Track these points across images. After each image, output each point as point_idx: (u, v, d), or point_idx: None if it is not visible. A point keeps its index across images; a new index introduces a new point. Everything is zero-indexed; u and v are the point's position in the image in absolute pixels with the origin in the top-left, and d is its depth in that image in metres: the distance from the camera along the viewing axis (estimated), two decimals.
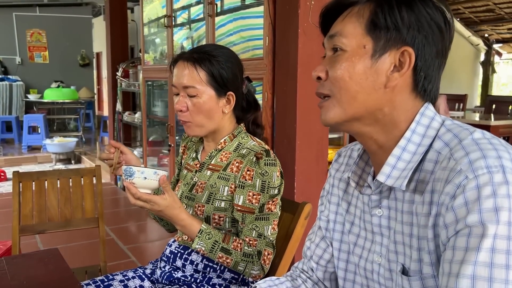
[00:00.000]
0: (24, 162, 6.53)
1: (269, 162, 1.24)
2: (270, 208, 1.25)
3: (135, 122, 4.54)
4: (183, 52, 1.32)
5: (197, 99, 1.27)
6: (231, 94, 1.31)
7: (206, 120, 1.29)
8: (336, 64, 0.75)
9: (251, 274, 1.27)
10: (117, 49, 4.85)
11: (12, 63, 9.48)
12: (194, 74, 1.25)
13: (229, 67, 1.29)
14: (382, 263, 0.80)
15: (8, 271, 1.22)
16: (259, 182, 1.23)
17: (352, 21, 0.74)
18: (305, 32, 2.02)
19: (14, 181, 1.87)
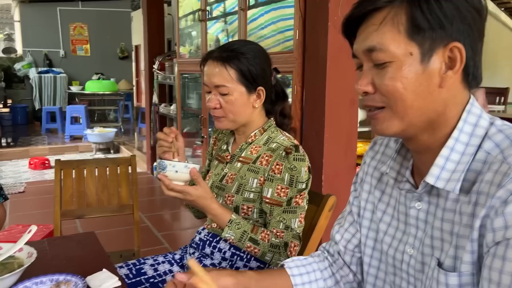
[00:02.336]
0: (67, 151, 6.84)
1: (298, 157, 1.27)
2: (297, 201, 1.29)
3: (171, 113, 4.66)
4: (212, 51, 1.36)
5: (228, 96, 1.31)
6: (261, 89, 1.34)
7: (238, 115, 1.33)
8: (385, 77, 0.71)
9: (278, 264, 1.31)
10: (154, 43, 4.97)
11: (56, 56, 9.88)
12: (224, 73, 1.29)
13: (258, 62, 1.32)
14: (414, 254, 0.80)
15: (49, 251, 1.32)
16: (287, 176, 1.27)
17: (389, 30, 0.70)
18: (335, 25, 2.03)
19: (56, 169, 1.99)
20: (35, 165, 5.69)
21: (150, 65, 4.95)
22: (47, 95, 9.09)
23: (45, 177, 5.33)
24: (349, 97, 2.12)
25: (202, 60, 1.38)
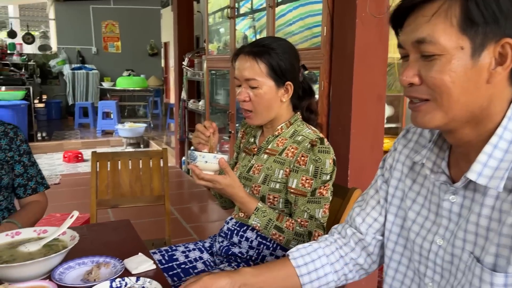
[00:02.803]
0: (98, 145, 7.06)
1: (323, 149, 1.32)
2: (321, 192, 1.33)
3: (199, 109, 4.75)
4: (244, 46, 1.42)
5: (258, 90, 1.36)
6: (289, 83, 1.39)
7: (266, 109, 1.39)
8: (433, 69, 0.71)
9: None
10: (184, 40, 5.08)
11: (89, 53, 10.17)
12: (255, 67, 1.35)
13: (287, 58, 1.37)
14: (443, 245, 0.81)
15: (88, 236, 1.41)
16: (312, 167, 1.32)
17: (441, 22, 0.69)
18: (363, 22, 2.05)
19: (93, 161, 2.09)
20: (69, 158, 5.90)
21: (180, 61, 5.05)
22: (79, 91, 9.38)
23: (78, 170, 5.53)
24: (376, 93, 2.14)
25: (234, 55, 1.44)
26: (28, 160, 1.69)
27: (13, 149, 1.65)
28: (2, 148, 1.62)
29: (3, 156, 1.61)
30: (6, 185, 1.61)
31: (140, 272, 1.15)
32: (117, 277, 1.07)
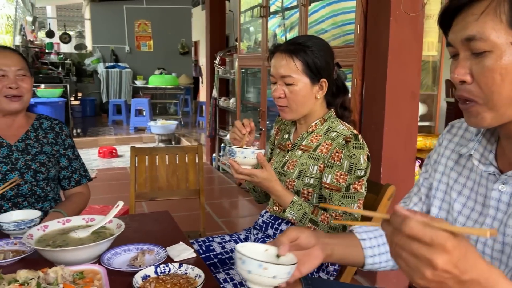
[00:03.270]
0: (132, 141, 7.24)
1: (357, 145, 1.34)
2: (356, 188, 1.36)
3: (230, 107, 4.82)
4: (280, 44, 1.46)
5: (293, 87, 1.40)
6: (324, 81, 1.42)
7: (301, 105, 1.42)
8: (484, 67, 0.72)
9: None
10: (215, 38, 5.16)
11: (122, 51, 10.43)
12: (291, 64, 1.39)
13: (322, 55, 1.40)
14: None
15: (131, 225, 1.48)
16: (346, 163, 1.34)
17: (490, 19, 0.70)
18: (397, 20, 2.05)
19: (132, 155, 2.18)
20: (104, 154, 6.10)
21: (212, 60, 5.14)
22: (113, 89, 9.64)
23: (113, 165, 5.70)
24: (410, 91, 2.14)
25: (270, 53, 1.48)
26: (72, 154, 1.79)
27: (59, 143, 1.75)
28: (49, 142, 1.73)
29: (50, 149, 1.72)
30: (53, 177, 1.71)
31: (181, 259, 1.21)
32: (161, 263, 1.13)
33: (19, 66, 1.62)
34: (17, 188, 1.60)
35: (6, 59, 1.60)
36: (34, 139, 1.70)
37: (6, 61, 1.59)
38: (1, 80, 1.58)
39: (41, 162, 1.65)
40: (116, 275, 1.10)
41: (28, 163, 1.63)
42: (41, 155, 1.67)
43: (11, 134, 1.67)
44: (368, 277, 2.34)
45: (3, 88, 1.58)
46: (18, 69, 1.61)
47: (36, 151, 1.67)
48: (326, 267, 1.44)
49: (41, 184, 1.66)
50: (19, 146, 1.66)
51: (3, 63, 1.59)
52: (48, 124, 1.76)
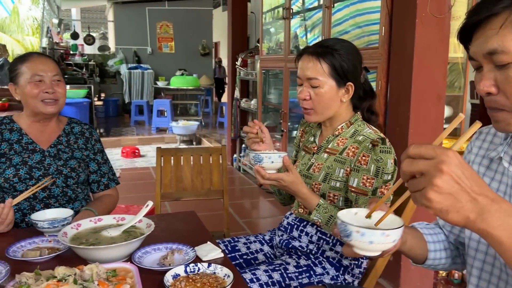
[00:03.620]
0: (153, 141, 7.35)
1: (384, 149, 1.33)
2: (382, 192, 1.35)
3: (251, 108, 4.85)
4: (308, 47, 1.47)
5: (319, 89, 1.40)
6: (350, 84, 1.42)
7: (326, 108, 1.43)
8: (508, 77, 0.75)
9: None
10: (237, 40, 5.19)
11: (144, 53, 10.59)
12: (318, 67, 1.39)
13: (350, 59, 1.40)
14: None
15: (159, 225, 1.51)
16: (373, 167, 1.34)
17: (509, 32, 0.73)
18: (423, 21, 2.04)
19: (157, 156, 2.23)
20: (126, 154, 6.20)
21: (233, 61, 5.17)
22: (135, 90, 9.79)
23: (136, 165, 5.80)
24: (435, 93, 2.12)
25: (298, 55, 1.49)
26: (101, 158, 1.83)
27: (89, 148, 1.80)
28: (79, 147, 1.77)
29: (80, 155, 1.76)
30: (83, 181, 1.76)
31: (209, 259, 1.24)
32: (190, 263, 1.16)
33: (54, 71, 1.68)
34: (49, 190, 1.66)
35: (43, 65, 1.66)
36: (65, 144, 1.75)
37: (43, 67, 1.65)
38: (38, 85, 1.64)
39: (71, 168, 1.70)
40: (147, 273, 1.13)
41: (60, 168, 1.68)
42: (72, 161, 1.72)
43: (44, 140, 1.72)
44: (392, 280, 2.33)
45: (40, 93, 1.63)
46: (54, 75, 1.67)
47: (67, 157, 1.72)
48: (351, 269, 1.45)
49: (72, 187, 1.71)
50: (51, 151, 1.70)
51: (40, 68, 1.65)
52: (78, 129, 1.81)
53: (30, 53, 1.74)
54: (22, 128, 1.71)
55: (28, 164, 1.64)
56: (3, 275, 1.07)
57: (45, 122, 1.73)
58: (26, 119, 1.73)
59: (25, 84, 1.64)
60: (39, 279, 1.02)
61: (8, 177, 1.60)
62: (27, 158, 1.66)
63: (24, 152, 1.67)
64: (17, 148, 1.67)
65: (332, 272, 1.43)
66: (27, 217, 1.65)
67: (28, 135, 1.70)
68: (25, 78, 1.64)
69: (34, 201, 1.65)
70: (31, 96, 1.64)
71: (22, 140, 1.69)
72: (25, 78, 1.64)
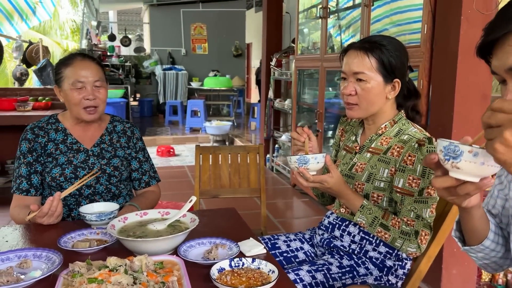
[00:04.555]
0: (188, 141, 7.46)
1: (431, 149, 1.29)
2: (429, 192, 1.31)
3: (285, 108, 4.85)
4: (354, 43, 1.45)
5: (365, 84, 1.37)
6: (397, 81, 1.39)
7: (371, 104, 1.40)
8: None
9: (408, 251, 1.35)
10: (272, 40, 5.20)
11: (178, 54, 10.77)
12: (366, 61, 1.37)
13: (398, 55, 1.37)
14: None
15: (201, 220, 1.53)
16: (420, 167, 1.30)
17: None
18: (468, 19, 1.98)
19: (196, 153, 2.26)
20: (162, 153, 6.32)
21: (268, 62, 5.19)
22: (170, 90, 9.97)
23: (171, 164, 5.90)
24: (480, 92, 2.06)
25: (342, 51, 1.47)
26: (142, 156, 1.87)
27: (131, 147, 1.83)
28: (122, 146, 1.81)
29: (123, 153, 1.80)
30: (125, 179, 1.80)
31: (253, 255, 1.24)
32: (235, 257, 1.17)
33: (96, 77, 1.68)
34: (94, 187, 1.70)
35: (85, 70, 1.66)
36: (108, 142, 1.78)
37: (84, 73, 1.66)
38: (80, 92, 1.66)
39: (115, 166, 1.74)
40: (192, 267, 1.15)
41: (103, 167, 1.72)
42: (115, 159, 1.76)
43: (87, 139, 1.76)
44: (433, 285, 2.27)
45: (81, 100, 1.66)
46: (96, 80, 1.68)
47: (110, 155, 1.76)
48: (395, 270, 1.42)
49: (115, 184, 1.75)
50: (94, 150, 1.74)
51: (83, 74, 1.66)
52: (121, 127, 1.85)
53: (74, 55, 1.74)
54: (66, 128, 1.75)
55: (73, 164, 1.69)
56: (57, 264, 1.11)
57: (87, 123, 1.77)
58: (70, 119, 1.77)
59: (68, 89, 1.66)
60: (91, 268, 1.06)
61: (55, 176, 1.66)
62: (72, 157, 1.70)
63: (69, 152, 1.71)
64: (63, 148, 1.72)
65: (376, 273, 1.41)
66: (73, 212, 1.70)
67: (72, 135, 1.75)
68: (67, 83, 1.66)
69: (80, 198, 1.70)
70: (73, 103, 1.67)
71: (67, 140, 1.73)
72: (68, 83, 1.66)
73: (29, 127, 1.74)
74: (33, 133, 1.72)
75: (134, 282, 0.98)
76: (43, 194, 1.72)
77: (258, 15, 12.08)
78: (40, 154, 1.70)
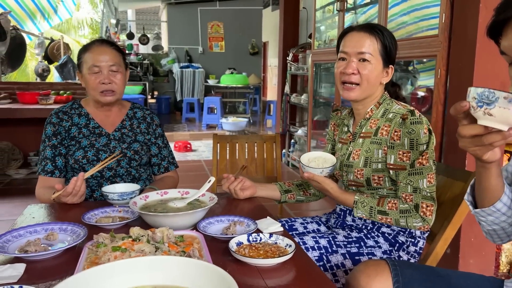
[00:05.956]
0: (204, 137, 7.52)
1: (414, 120, 1.34)
2: (421, 162, 1.34)
3: (301, 103, 4.86)
4: (353, 26, 1.48)
5: (369, 64, 1.41)
6: (392, 67, 1.46)
7: (371, 85, 1.44)
8: None
9: (415, 227, 1.37)
10: (288, 36, 5.22)
11: (195, 52, 10.86)
12: (371, 42, 1.41)
13: (393, 44, 1.45)
14: None
15: (219, 202, 1.57)
16: (407, 140, 1.35)
17: None
18: (487, 6, 1.97)
19: (214, 142, 2.30)
20: (179, 148, 6.39)
21: (284, 56, 5.21)
22: (187, 88, 10.06)
23: (187, 158, 5.96)
24: (499, 80, 2.04)
25: (342, 33, 1.50)
26: (162, 142, 1.92)
27: (150, 133, 1.88)
28: (142, 131, 1.86)
29: (143, 138, 1.85)
30: (145, 163, 1.85)
31: (270, 232, 1.27)
32: (253, 233, 1.20)
33: (112, 61, 1.72)
34: (115, 170, 1.75)
35: (101, 55, 1.71)
36: (128, 128, 1.84)
37: (101, 57, 1.71)
38: (97, 76, 1.71)
39: (135, 150, 1.79)
40: (211, 241, 1.18)
41: (124, 151, 1.77)
42: (135, 144, 1.81)
43: (108, 124, 1.82)
44: None
45: (98, 84, 1.71)
46: (111, 65, 1.72)
47: (131, 140, 1.81)
48: (407, 246, 1.43)
49: (135, 168, 1.80)
50: (115, 135, 1.80)
51: (98, 59, 1.70)
52: (141, 114, 1.90)
53: (93, 41, 1.80)
54: (89, 113, 1.81)
55: (95, 147, 1.75)
56: (82, 236, 1.16)
57: (108, 107, 1.82)
58: (92, 105, 1.83)
59: (86, 73, 1.72)
60: (114, 240, 1.10)
61: (78, 159, 1.72)
62: (94, 141, 1.76)
63: (92, 136, 1.77)
64: (85, 131, 1.78)
65: (385, 247, 1.43)
66: (95, 193, 1.76)
67: (94, 119, 1.81)
68: (86, 67, 1.72)
69: (102, 179, 1.75)
70: (91, 87, 1.72)
71: (89, 124, 1.79)
72: (86, 67, 1.72)
73: (53, 111, 1.80)
74: (58, 117, 1.78)
75: (156, 251, 1.02)
76: (66, 177, 1.78)
77: (275, 13, 12.07)
78: (64, 138, 1.76)
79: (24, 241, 1.15)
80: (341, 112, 1.67)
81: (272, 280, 1.00)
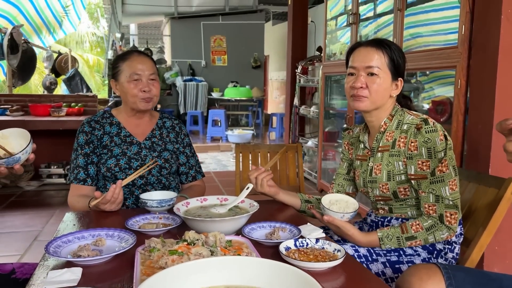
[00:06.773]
0: (209, 149, 7.53)
1: (429, 129, 1.37)
2: (441, 170, 1.36)
3: (311, 114, 4.89)
4: (361, 42, 1.53)
5: (377, 78, 1.44)
6: (401, 80, 1.49)
7: (380, 98, 1.46)
8: None
9: (442, 239, 1.39)
10: (297, 49, 5.29)
11: (198, 66, 10.92)
12: (378, 57, 1.45)
13: (402, 57, 1.48)
14: None
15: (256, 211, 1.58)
16: (424, 150, 1.37)
17: None
18: (509, 18, 2.02)
19: (237, 152, 2.32)
20: None
21: (293, 69, 5.26)
22: (190, 101, 10.10)
23: None
24: None
25: (350, 49, 1.54)
26: (189, 152, 1.94)
27: (179, 142, 1.91)
28: (171, 140, 1.89)
29: (172, 147, 1.87)
30: (174, 172, 1.87)
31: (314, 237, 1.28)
32: (298, 238, 1.21)
33: (151, 70, 1.78)
34: (146, 178, 1.77)
35: (141, 64, 1.76)
36: (158, 137, 1.86)
37: (142, 66, 1.76)
38: (137, 84, 1.75)
39: (165, 159, 1.81)
40: (257, 246, 1.19)
41: (155, 159, 1.79)
42: (165, 152, 1.83)
43: (139, 133, 1.85)
44: None
45: (138, 92, 1.75)
46: (151, 73, 1.77)
47: (161, 149, 1.83)
48: (445, 253, 1.44)
49: (165, 176, 1.82)
50: (146, 143, 1.82)
51: (140, 68, 1.75)
52: (170, 123, 1.93)
53: (131, 51, 1.86)
54: (120, 122, 1.84)
55: (127, 155, 1.76)
56: (131, 242, 1.17)
57: (140, 116, 1.85)
58: (124, 113, 1.86)
59: (125, 81, 1.76)
60: (165, 245, 1.11)
61: (110, 167, 1.73)
62: (126, 149, 1.78)
63: (123, 144, 1.79)
64: (117, 140, 1.80)
65: (424, 255, 1.44)
66: (127, 201, 1.77)
67: (125, 128, 1.83)
68: (124, 76, 1.76)
69: (133, 188, 1.77)
70: (131, 94, 1.76)
71: (121, 133, 1.82)
72: (125, 76, 1.76)
73: (85, 121, 1.82)
74: (90, 126, 1.80)
75: (212, 254, 1.03)
76: (97, 185, 1.79)
77: (276, 28, 12.25)
78: (96, 146, 1.77)
79: (75, 247, 1.16)
80: (353, 131, 1.70)
81: (326, 283, 1.01)
